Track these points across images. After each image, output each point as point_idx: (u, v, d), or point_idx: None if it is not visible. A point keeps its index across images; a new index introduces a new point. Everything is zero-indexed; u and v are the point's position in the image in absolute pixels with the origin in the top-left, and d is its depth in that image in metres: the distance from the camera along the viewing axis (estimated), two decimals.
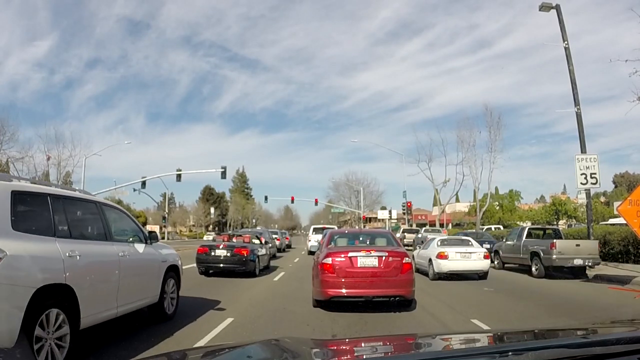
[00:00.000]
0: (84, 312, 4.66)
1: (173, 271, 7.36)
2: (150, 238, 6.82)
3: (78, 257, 4.72)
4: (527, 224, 43.10)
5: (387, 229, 40.41)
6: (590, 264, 13.52)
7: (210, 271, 13.80)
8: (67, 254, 4.57)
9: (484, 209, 42.55)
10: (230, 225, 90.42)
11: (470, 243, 14.06)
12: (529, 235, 16.47)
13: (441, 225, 46.19)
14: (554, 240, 14.04)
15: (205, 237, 58.79)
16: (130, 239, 6.35)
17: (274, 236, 26.72)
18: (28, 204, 4.55)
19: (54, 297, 4.28)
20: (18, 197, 4.33)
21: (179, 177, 39.61)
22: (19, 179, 5.07)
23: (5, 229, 4.01)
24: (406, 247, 15.28)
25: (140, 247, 6.41)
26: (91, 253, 5.07)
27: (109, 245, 5.62)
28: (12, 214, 4.15)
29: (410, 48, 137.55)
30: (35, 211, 4.63)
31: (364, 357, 2.00)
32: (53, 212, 4.71)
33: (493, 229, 40.97)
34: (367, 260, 7.96)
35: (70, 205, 5.17)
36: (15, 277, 3.87)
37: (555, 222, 50.68)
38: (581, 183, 16.15)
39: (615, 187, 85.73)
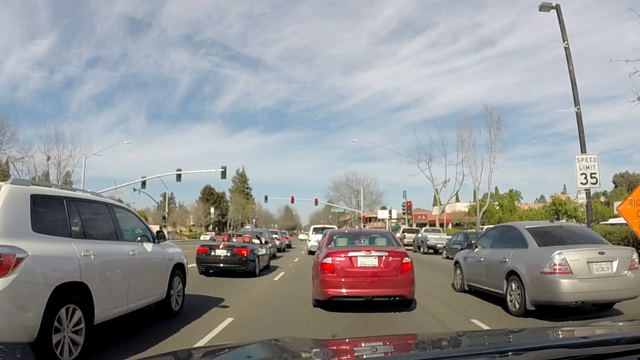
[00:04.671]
0: (97, 308, 4.95)
1: (179, 269, 7.62)
2: (158, 237, 7.13)
3: (92, 257, 4.98)
4: None
5: (387, 229, 40.44)
6: None
7: (210, 271, 13.81)
8: (82, 254, 4.84)
9: (484, 209, 42.58)
10: (230, 225, 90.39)
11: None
12: None
13: (441, 225, 46.22)
14: None
15: (202, 237, 58.80)
16: (139, 239, 6.61)
17: (274, 236, 26.74)
18: (46, 206, 4.80)
19: (71, 294, 4.55)
20: (37, 201, 4.60)
21: (179, 177, 39.57)
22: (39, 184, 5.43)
23: (26, 231, 4.28)
24: (406, 247, 15.31)
25: (148, 246, 6.68)
26: (104, 252, 5.31)
27: (120, 245, 5.88)
28: (32, 217, 4.41)
29: (412, 47, 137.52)
30: (53, 213, 4.86)
31: (364, 357, 2.00)
32: (69, 214, 4.99)
33: None
34: (367, 260, 7.96)
35: (83, 207, 5.44)
36: (36, 276, 4.12)
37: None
38: (581, 183, 16.12)
39: (615, 187, 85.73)
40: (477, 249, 9.94)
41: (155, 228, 18.20)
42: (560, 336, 2.13)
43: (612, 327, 2.44)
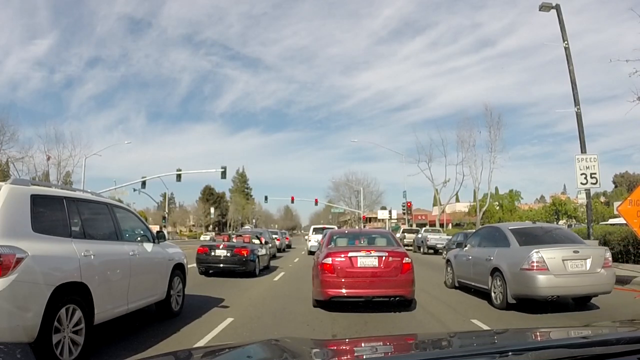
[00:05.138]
0: (97, 308, 4.94)
1: (179, 269, 7.61)
2: (158, 237, 7.12)
3: (92, 257, 4.98)
4: None
5: (387, 229, 40.42)
6: None
7: (210, 271, 13.81)
8: (82, 254, 4.83)
9: (484, 209, 42.57)
10: (230, 226, 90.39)
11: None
12: None
13: (441, 226, 46.20)
14: None
15: (202, 238, 58.79)
16: (139, 239, 6.60)
17: (274, 236, 26.74)
18: (46, 206, 4.79)
19: (71, 294, 4.54)
20: (37, 201, 4.58)
21: (179, 177, 39.58)
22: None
23: (26, 231, 4.27)
24: (406, 247, 15.32)
25: (148, 247, 6.67)
26: (104, 252, 5.30)
27: (120, 245, 5.87)
28: (32, 217, 4.40)
29: (412, 47, 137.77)
30: (53, 213, 4.85)
31: (364, 357, 2.00)
32: (69, 214, 4.98)
33: None
34: (367, 260, 7.95)
35: (83, 207, 5.43)
36: (36, 276, 4.11)
37: (555, 222, 50.70)
38: (581, 183, 16.14)
39: (615, 187, 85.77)
40: (466, 248, 10.66)
41: (155, 228, 18.18)
42: (560, 336, 2.13)
43: (612, 327, 2.43)
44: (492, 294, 8.69)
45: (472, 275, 9.99)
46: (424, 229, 39.70)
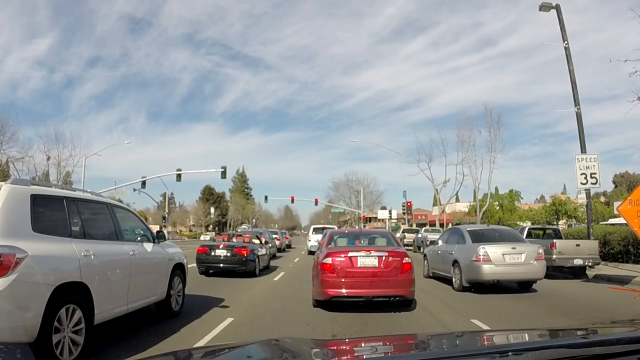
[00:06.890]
0: (97, 308, 4.95)
1: (179, 269, 7.61)
2: (158, 237, 7.12)
3: (92, 257, 4.98)
4: (527, 224, 43.10)
5: (387, 229, 40.39)
6: (590, 264, 13.51)
7: (210, 271, 13.81)
8: (82, 254, 4.83)
9: (484, 209, 42.56)
10: (230, 225, 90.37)
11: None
12: (529, 235, 16.46)
13: (441, 225, 46.17)
14: (554, 240, 14.02)
15: (202, 237, 58.77)
16: (139, 239, 6.60)
17: (274, 236, 26.73)
18: (46, 206, 4.79)
19: (71, 294, 4.55)
20: (37, 201, 4.59)
21: (179, 177, 39.58)
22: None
23: (26, 231, 4.27)
24: (406, 247, 15.37)
25: (148, 246, 6.67)
26: (104, 252, 5.31)
27: (120, 245, 5.87)
28: (32, 217, 4.40)
29: (413, 47, 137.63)
30: (53, 213, 4.86)
31: (364, 357, 2.00)
32: (69, 214, 4.98)
33: None
34: (367, 260, 7.95)
35: (83, 207, 5.44)
36: (36, 276, 4.12)
37: (555, 222, 50.67)
38: (581, 183, 16.14)
39: (615, 187, 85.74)
40: (438, 245, 12.96)
41: (155, 228, 18.12)
42: (560, 336, 2.13)
43: (612, 327, 2.44)
44: (453, 280, 11.05)
45: (440, 266, 12.30)
46: (424, 228, 39.65)
